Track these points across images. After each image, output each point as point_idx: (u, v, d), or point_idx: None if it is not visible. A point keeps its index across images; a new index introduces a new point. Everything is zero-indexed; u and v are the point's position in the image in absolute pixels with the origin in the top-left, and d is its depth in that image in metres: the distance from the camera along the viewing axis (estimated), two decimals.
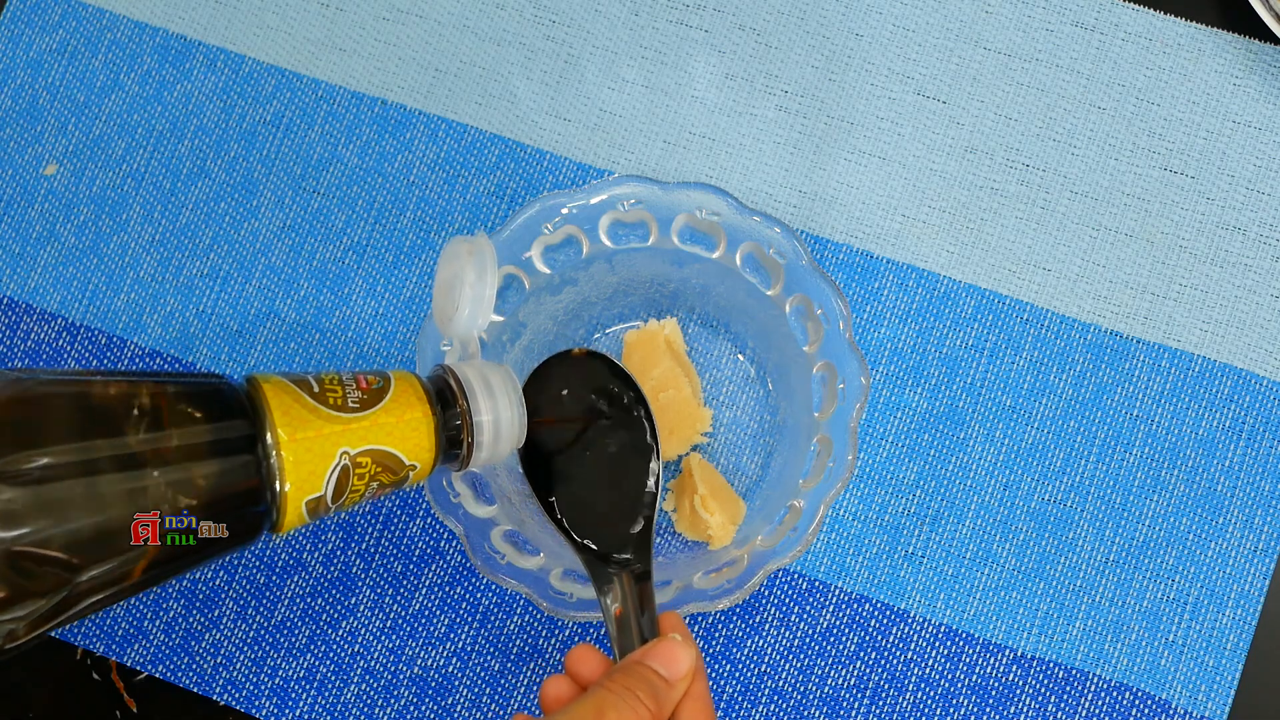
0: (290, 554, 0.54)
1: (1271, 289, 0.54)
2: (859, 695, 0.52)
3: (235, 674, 0.53)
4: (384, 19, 0.57)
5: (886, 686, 0.52)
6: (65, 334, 0.56)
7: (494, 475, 0.49)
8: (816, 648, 0.52)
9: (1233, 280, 0.54)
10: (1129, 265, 0.54)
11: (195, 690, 0.53)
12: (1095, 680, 0.52)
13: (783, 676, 0.52)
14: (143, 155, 0.57)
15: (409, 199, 0.56)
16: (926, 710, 0.52)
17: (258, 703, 0.53)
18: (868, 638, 0.52)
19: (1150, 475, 0.53)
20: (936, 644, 0.52)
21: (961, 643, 0.52)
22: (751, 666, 0.52)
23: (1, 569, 0.33)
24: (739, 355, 0.54)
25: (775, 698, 0.52)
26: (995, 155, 0.55)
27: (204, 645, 0.54)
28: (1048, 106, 0.55)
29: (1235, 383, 0.53)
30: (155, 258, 0.56)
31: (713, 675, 0.52)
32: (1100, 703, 0.52)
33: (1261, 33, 0.55)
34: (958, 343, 0.54)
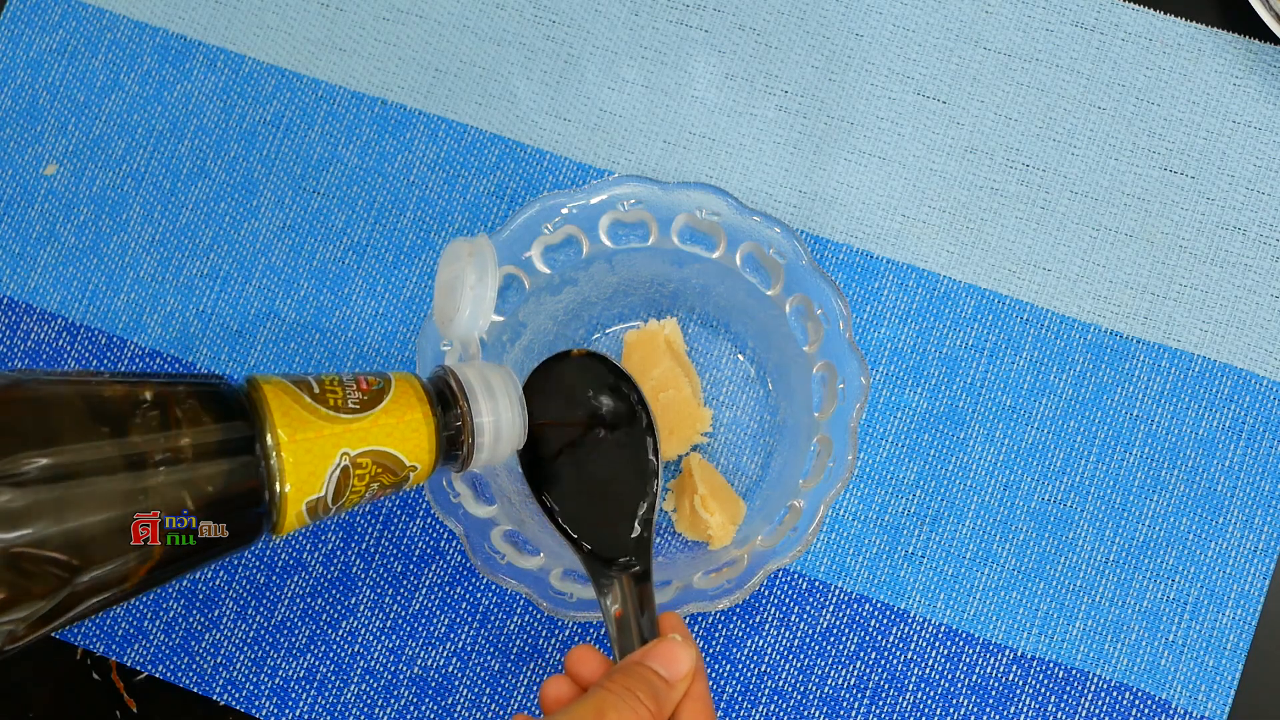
0: (290, 554, 0.54)
1: (1271, 289, 0.54)
2: (859, 695, 0.52)
3: (235, 674, 0.53)
4: (384, 19, 0.57)
5: (886, 686, 0.52)
6: (65, 334, 0.56)
7: (494, 475, 0.49)
8: (816, 648, 0.52)
9: (1233, 280, 0.54)
10: (1129, 265, 0.54)
11: (195, 690, 0.53)
12: (1095, 680, 0.52)
13: (783, 676, 0.52)
14: (143, 155, 0.57)
15: (409, 199, 0.56)
16: (926, 710, 0.52)
17: (258, 703, 0.53)
18: (868, 638, 0.52)
19: (1150, 475, 0.53)
20: (936, 644, 0.52)
21: (961, 643, 0.52)
22: (751, 666, 0.52)
23: (1, 570, 0.33)
24: (739, 355, 0.54)
25: (775, 698, 0.52)
26: (995, 155, 0.55)
27: (204, 645, 0.54)
28: (1048, 106, 0.55)
29: (1235, 383, 0.53)
30: (155, 258, 0.56)
31: (713, 675, 0.52)
32: (1100, 703, 0.52)
33: (1261, 33, 0.55)
34: (958, 343, 0.54)
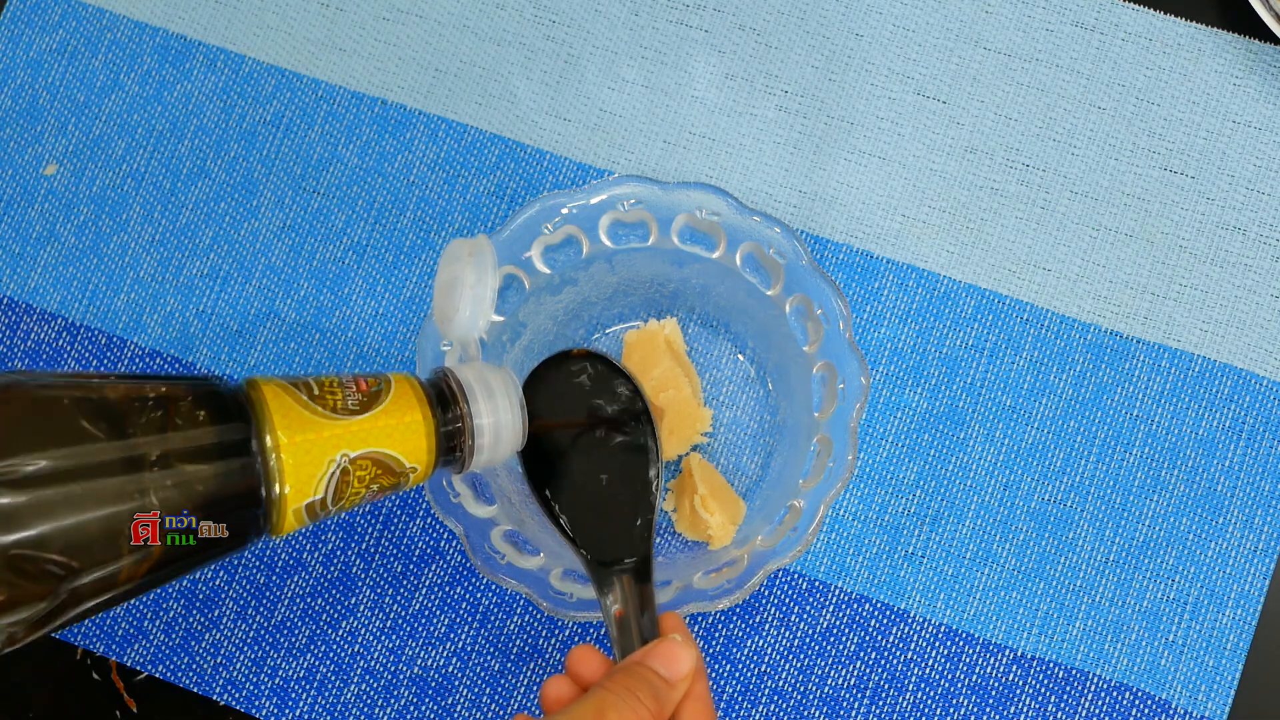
0: (290, 554, 0.54)
1: (1271, 289, 0.54)
2: (859, 695, 0.52)
3: (235, 674, 0.53)
4: (384, 19, 0.57)
5: (886, 686, 0.52)
6: (65, 334, 0.56)
7: (494, 475, 0.49)
8: (816, 648, 0.52)
9: (1233, 280, 0.54)
10: (1129, 265, 0.54)
11: (195, 690, 0.53)
12: (1095, 680, 0.52)
13: (783, 676, 0.52)
14: (143, 155, 0.57)
15: (409, 199, 0.56)
16: (926, 710, 0.52)
17: (258, 703, 0.53)
18: (868, 638, 0.52)
19: (1150, 475, 0.53)
20: (936, 644, 0.52)
21: (961, 643, 0.52)
22: (751, 666, 0.52)
23: (1, 571, 0.33)
24: (739, 355, 0.54)
25: (775, 698, 0.52)
26: (995, 155, 0.55)
27: (204, 645, 0.54)
28: (1048, 106, 0.55)
29: (1235, 383, 0.53)
30: (155, 258, 0.56)
31: (713, 675, 0.52)
32: (1100, 703, 0.52)
33: (1261, 33, 0.55)
34: (958, 343, 0.54)
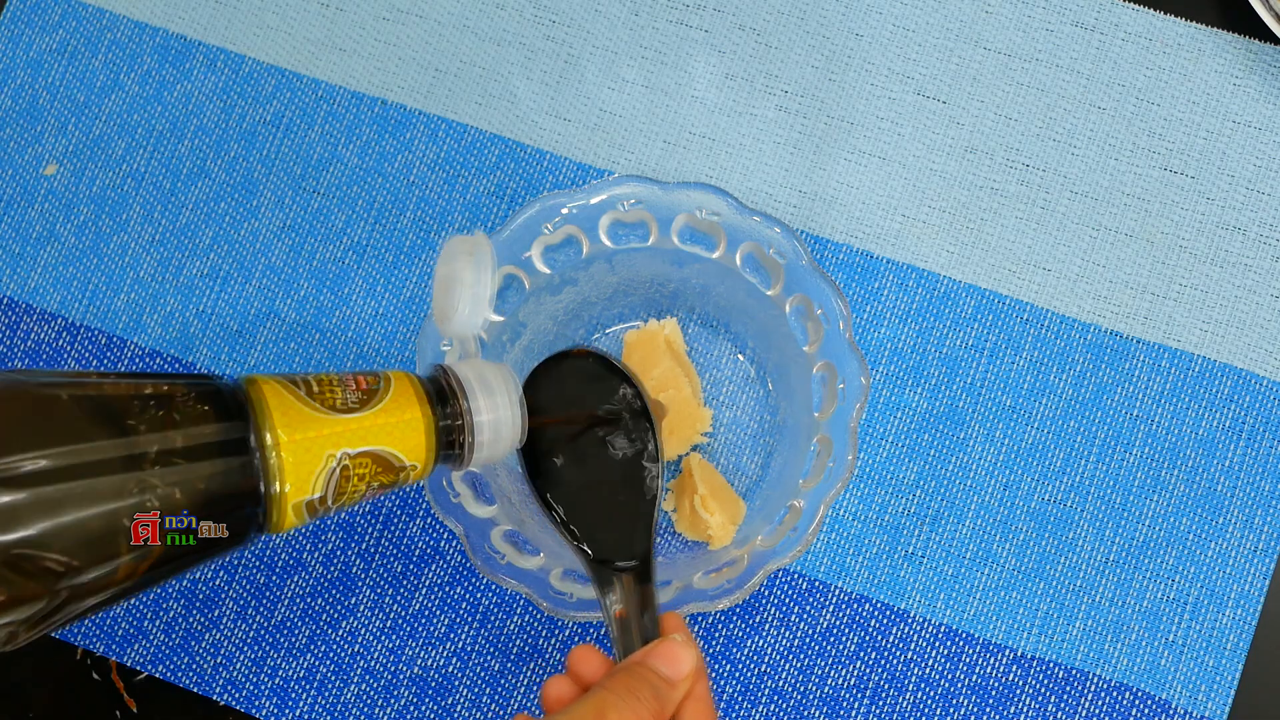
0: (290, 554, 0.54)
1: (1271, 289, 0.54)
2: (859, 695, 0.52)
3: (235, 674, 0.53)
4: (384, 19, 0.57)
5: (886, 686, 0.52)
6: (65, 334, 0.56)
7: (494, 475, 0.49)
8: (816, 648, 0.52)
9: (1233, 280, 0.54)
10: (1129, 265, 0.54)
11: (195, 690, 0.53)
12: (1095, 680, 0.52)
13: (783, 676, 0.52)
14: (143, 155, 0.57)
15: (409, 199, 0.56)
16: (926, 710, 0.52)
17: (258, 703, 0.53)
18: (868, 638, 0.52)
19: (1150, 475, 0.53)
20: (936, 644, 0.52)
21: (961, 643, 0.52)
22: (751, 666, 0.52)
23: (1, 571, 0.33)
24: (739, 355, 0.54)
25: (775, 698, 0.52)
26: (995, 155, 0.55)
27: (204, 645, 0.54)
28: (1048, 106, 0.55)
29: (1235, 383, 0.53)
30: (155, 258, 0.56)
31: (713, 675, 0.52)
32: (1100, 703, 0.52)
33: (1261, 33, 0.55)
34: (958, 343, 0.54)
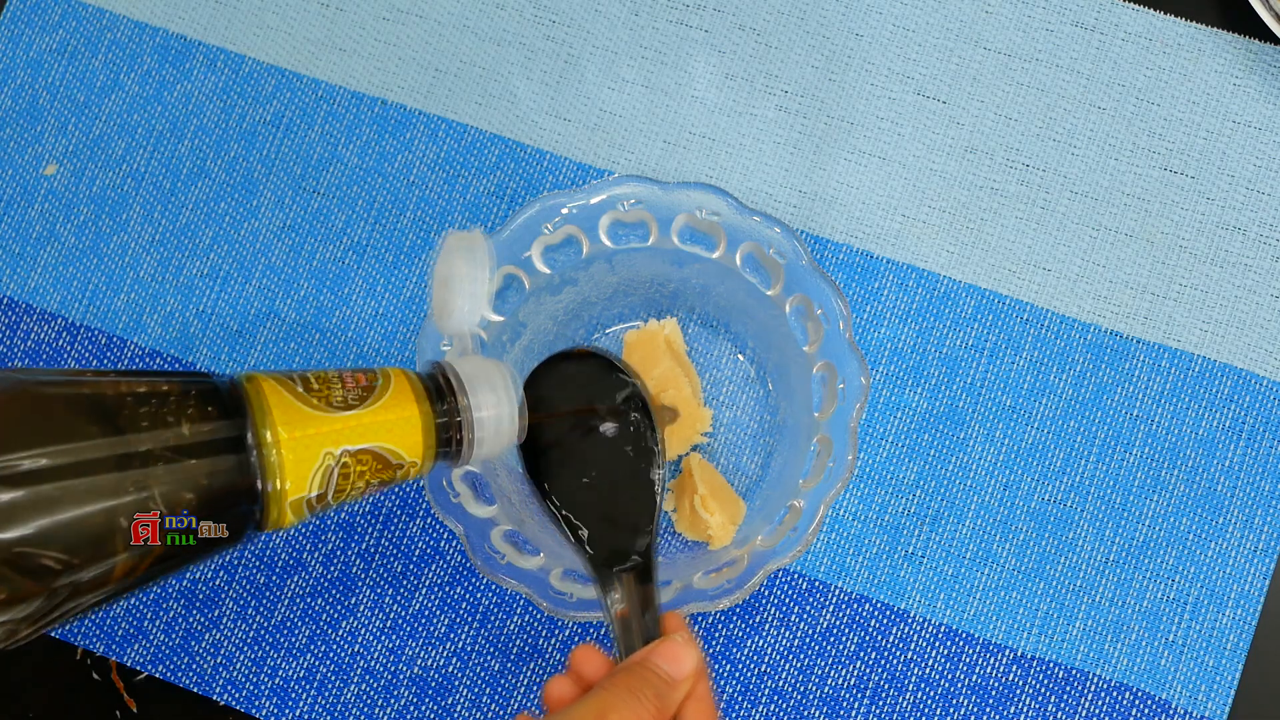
0: (290, 554, 0.54)
1: (1271, 289, 0.54)
2: (859, 695, 0.52)
3: (235, 674, 0.53)
4: (384, 19, 0.57)
5: (886, 686, 0.52)
6: (65, 334, 0.56)
7: (494, 475, 0.49)
8: (816, 648, 0.52)
9: (1233, 280, 0.54)
10: (1129, 265, 0.54)
11: (195, 690, 0.53)
12: (1095, 680, 0.52)
13: (783, 676, 0.52)
14: (143, 155, 0.57)
15: (409, 199, 0.56)
16: (926, 710, 0.52)
17: (258, 703, 0.53)
18: (868, 638, 0.52)
19: (1150, 475, 0.53)
20: (936, 644, 0.52)
21: (961, 643, 0.52)
22: (751, 666, 0.52)
23: (1, 569, 0.33)
24: (739, 355, 0.54)
25: (775, 698, 0.52)
26: (995, 155, 0.55)
27: (204, 645, 0.54)
28: (1048, 106, 0.55)
29: (1235, 383, 0.53)
30: (155, 258, 0.56)
31: (713, 675, 0.52)
32: (1100, 703, 0.52)
33: (1261, 33, 0.55)
34: (958, 343, 0.54)
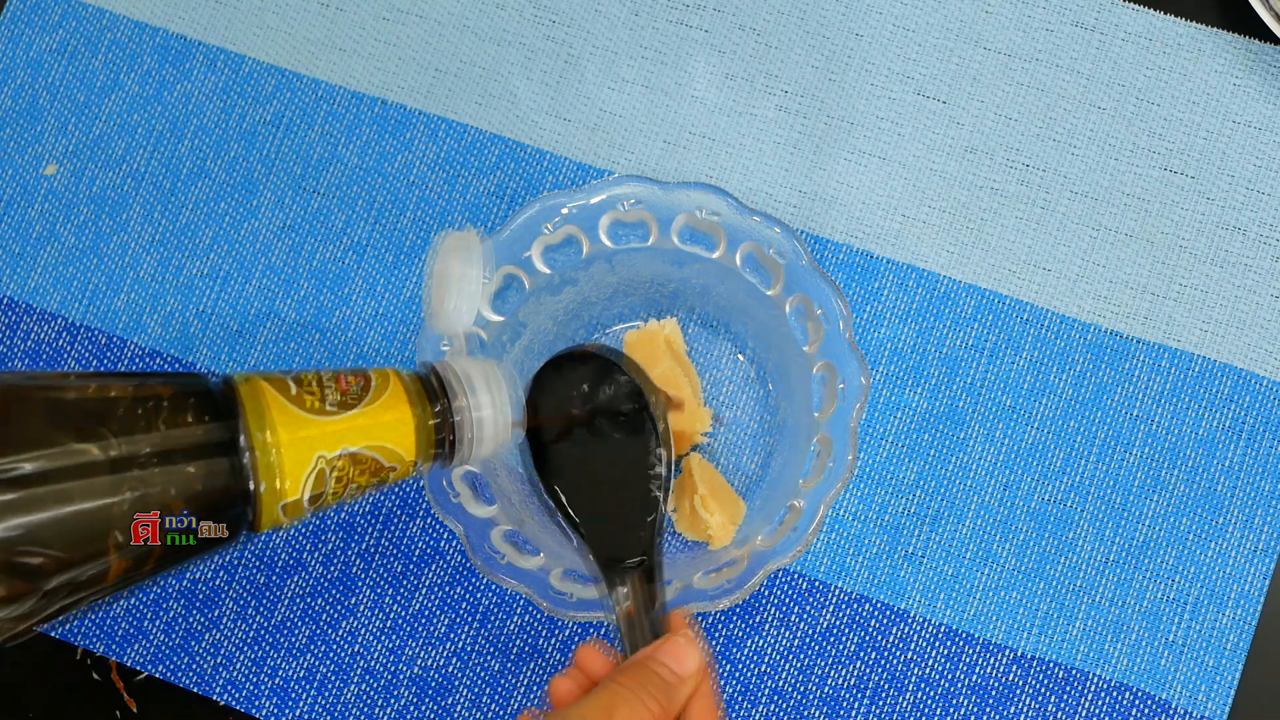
0: (290, 554, 0.54)
1: (1271, 289, 0.54)
2: (859, 695, 0.52)
3: (235, 674, 0.53)
4: (384, 19, 0.57)
5: (886, 686, 0.52)
6: (65, 334, 0.56)
7: (494, 475, 0.49)
8: (816, 648, 0.52)
9: (1233, 280, 0.54)
10: (1129, 265, 0.54)
11: (195, 690, 0.53)
12: (1095, 680, 0.52)
13: (783, 676, 0.52)
14: (143, 155, 0.57)
15: (409, 199, 0.56)
16: (926, 710, 0.52)
17: (258, 703, 0.53)
18: (868, 638, 0.52)
19: (1150, 475, 0.53)
20: (936, 644, 0.52)
21: (961, 643, 0.52)
22: (751, 666, 0.52)
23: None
24: (739, 355, 0.54)
25: (775, 698, 0.52)
26: (995, 155, 0.55)
27: (204, 645, 0.54)
28: (1048, 106, 0.55)
29: (1235, 383, 0.53)
30: (155, 258, 0.56)
31: (717, 674, 0.52)
32: (1100, 703, 0.52)
33: (1261, 33, 0.55)
34: (958, 343, 0.54)
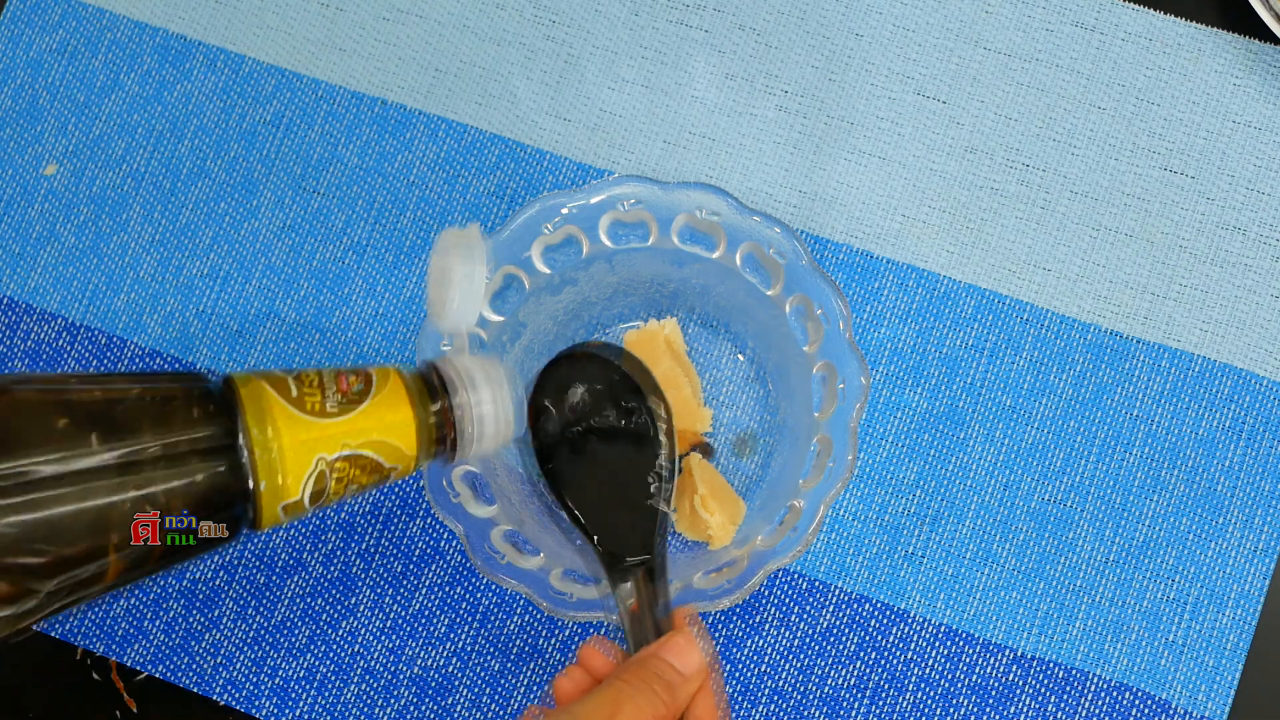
0: (290, 554, 0.54)
1: (1271, 289, 0.54)
2: (859, 695, 0.52)
3: (235, 674, 0.53)
4: (384, 19, 0.57)
5: (886, 686, 0.52)
6: (65, 334, 0.56)
7: (494, 475, 0.49)
8: (816, 648, 0.52)
9: (1233, 280, 0.54)
10: (1129, 265, 0.54)
11: (195, 690, 0.53)
12: (1095, 680, 0.52)
13: (783, 676, 0.52)
14: (143, 155, 0.57)
15: (409, 199, 0.56)
16: (926, 710, 0.52)
17: (258, 703, 0.53)
18: (868, 638, 0.52)
19: (1150, 475, 0.53)
20: (936, 644, 0.52)
21: (961, 643, 0.52)
22: (751, 666, 0.52)
23: None
24: (739, 355, 0.54)
25: (775, 698, 0.52)
26: (995, 155, 0.55)
27: (204, 645, 0.54)
28: (1048, 106, 0.55)
29: (1235, 383, 0.53)
30: (155, 258, 0.56)
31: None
32: (1100, 703, 0.52)
33: (1261, 33, 0.55)
34: (958, 343, 0.54)
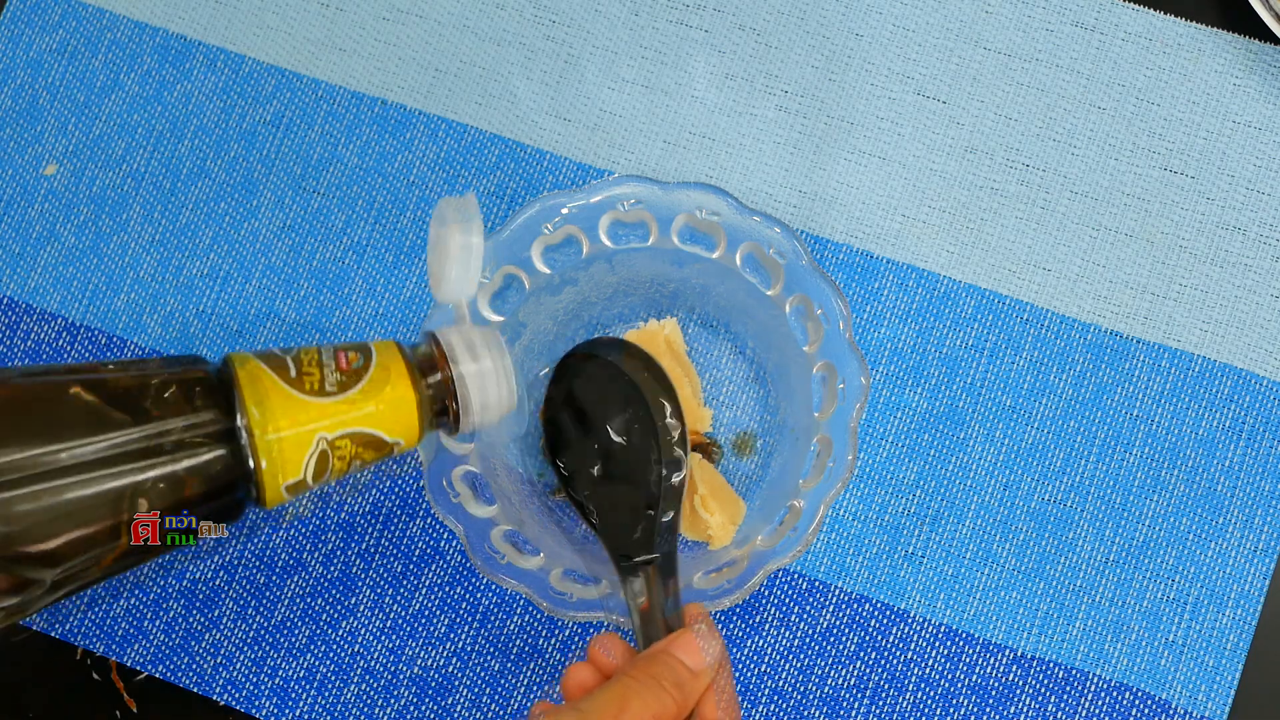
0: (290, 554, 0.54)
1: (1271, 289, 0.54)
2: (859, 695, 0.52)
3: (235, 674, 0.53)
4: (384, 19, 0.57)
5: (886, 686, 0.52)
6: (65, 334, 0.56)
7: (494, 475, 0.49)
8: (816, 648, 0.52)
9: (1233, 280, 0.54)
10: (1129, 265, 0.54)
11: (195, 690, 0.53)
12: (1095, 680, 0.52)
13: (783, 676, 0.52)
14: (143, 155, 0.57)
15: (409, 199, 0.56)
16: (926, 710, 0.52)
17: (258, 703, 0.53)
18: (868, 638, 0.52)
19: (1150, 475, 0.53)
20: (936, 644, 0.52)
21: (961, 643, 0.52)
22: (751, 666, 0.52)
23: None
24: (739, 355, 0.54)
25: (775, 698, 0.52)
26: (995, 155, 0.55)
27: (204, 645, 0.54)
28: (1048, 106, 0.55)
29: (1235, 383, 0.53)
30: (155, 258, 0.56)
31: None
32: (1100, 703, 0.52)
33: (1261, 33, 0.55)
34: (958, 343, 0.54)
